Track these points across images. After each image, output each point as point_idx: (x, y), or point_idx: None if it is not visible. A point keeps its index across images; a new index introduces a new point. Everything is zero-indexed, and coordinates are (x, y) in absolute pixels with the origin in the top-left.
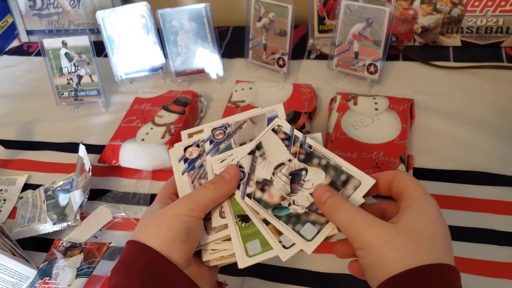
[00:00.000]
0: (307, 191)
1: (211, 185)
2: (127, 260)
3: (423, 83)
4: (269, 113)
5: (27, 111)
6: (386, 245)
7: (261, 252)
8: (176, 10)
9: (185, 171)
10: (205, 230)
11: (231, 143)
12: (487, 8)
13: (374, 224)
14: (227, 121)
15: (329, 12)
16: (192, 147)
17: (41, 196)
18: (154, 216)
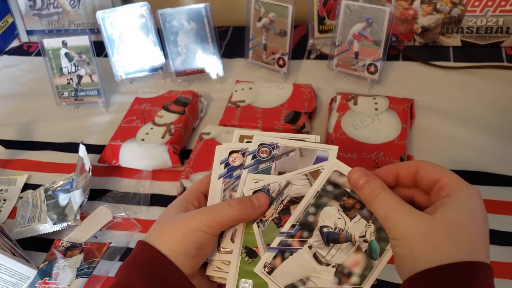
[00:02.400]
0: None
1: (236, 204)
2: (134, 260)
3: (423, 83)
4: (321, 152)
5: (27, 111)
6: (420, 239)
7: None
8: (176, 10)
9: (222, 176)
10: (218, 245)
11: (272, 167)
12: (487, 8)
13: (411, 215)
14: (278, 141)
15: (329, 12)
16: (238, 154)
17: (41, 196)
18: (171, 223)
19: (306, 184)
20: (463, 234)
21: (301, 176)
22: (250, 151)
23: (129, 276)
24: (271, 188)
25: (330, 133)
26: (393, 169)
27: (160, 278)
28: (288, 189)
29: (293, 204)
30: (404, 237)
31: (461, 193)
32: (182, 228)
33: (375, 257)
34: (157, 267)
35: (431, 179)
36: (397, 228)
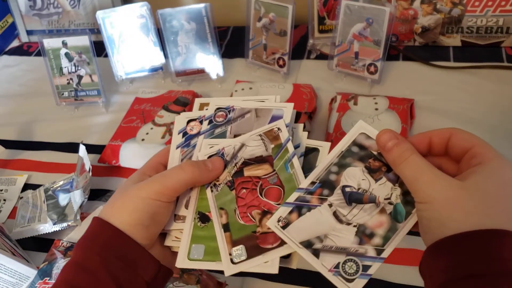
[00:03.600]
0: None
1: (189, 167)
2: (89, 236)
3: (423, 83)
4: (276, 111)
5: (27, 111)
6: (449, 203)
7: (201, 260)
8: (176, 10)
9: (180, 146)
10: (175, 215)
11: (227, 131)
12: (487, 8)
13: (441, 179)
14: (234, 104)
15: (329, 12)
16: (195, 122)
17: (41, 196)
18: (123, 194)
19: (260, 145)
20: (493, 203)
21: (255, 137)
22: (206, 116)
23: (83, 253)
24: (226, 152)
25: (330, 133)
26: (425, 136)
27: (115, 252)
28: (242, 151)
29: (247, 166)
30: (432, 200)
31: (493, 164)
32: (132, 199)
33: (400, 220)
34: (111, 242)
35: (464, 146)
36: (425, 191)
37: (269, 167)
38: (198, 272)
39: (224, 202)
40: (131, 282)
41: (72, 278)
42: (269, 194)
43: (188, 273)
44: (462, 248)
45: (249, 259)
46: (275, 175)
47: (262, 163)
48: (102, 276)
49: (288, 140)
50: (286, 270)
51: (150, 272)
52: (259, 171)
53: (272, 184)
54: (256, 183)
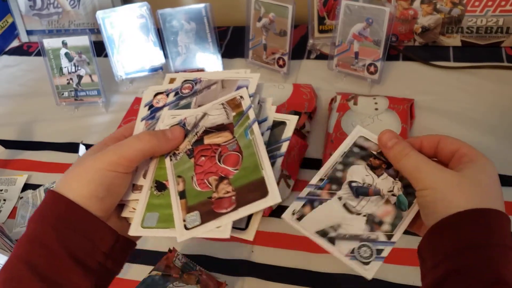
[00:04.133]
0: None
1: (146, 136)
2: (42, 210)
3: (423, 83)
4: (242, 81)
5: (27, 111)
6: (452, 188)
7: (154, 227)
8: (176, 10)
9: (145, 119)
10: (133, 186)
11: (192, 102)
12: (487, 8)
13: (441, 169)
14: (201, 76)
15: (329, 12)
16: (162, 95)
17: (41, 196)
18: (79, 165)
19: (221, 113)
20: (487, 190)
21: (218, 106)
22: (173, 89)
23: (37, 227)
24: (188, 122)
25: (330, 133)
26: (417, 140)
27: (69, 224)
28: (204, 120)
29: (207, 134)
30: (435, 185)
31: (481, 161)
32: (87, 170)
33: (404, 209)
34: (65, 214)
35: (451, 149)
36: (428, 178)
37: (229, 134)
38: (198, 272)
39: (182, 170)
40: (87, 253)
41: (26, 253)
42: (227, 160)
43: (188, 273)
44: (464, 223)
45: (203, 224)
46: (234, 141)
47: (223, 130)
48: (56, 249)
49: (249, 108)
50: (287, 270)
51: (107, 243)
52: (219, 139)
53: (231, 150)
54: (215, 150)
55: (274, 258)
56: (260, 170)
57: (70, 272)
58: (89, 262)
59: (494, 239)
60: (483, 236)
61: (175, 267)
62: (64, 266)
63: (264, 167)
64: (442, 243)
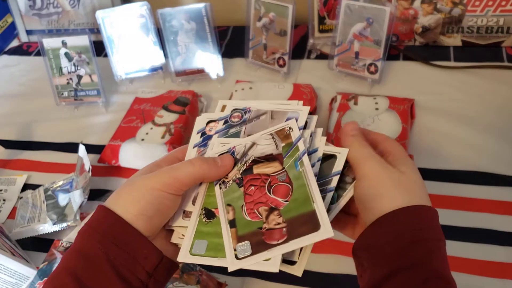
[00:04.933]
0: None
1: (197, 161)
2: (92, 224)
3: (423, 83)
4: (292, 113)
5: (27, 111)
6: (390, 182)
7: (202, 255)
8: (176, 10)
9: (197, 145)
10: (183, 212)
11: (241, 131)
12: (487, 8)
13: (386, 166)
14: (250, 105)
15: (329, 12)
16: (215, 123)
17: (40, 196)
18: (130, 184)
19: (271, 144)
20: (420, 186)
21: (267, 136)
22: (222, 116)
23: (85, 240)
24: (237, 150)
25: (330, 133)
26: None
27: (116, 240)
28: (253, 150)
29: (256, 164)
30: (374, 177)
31: (406, 160)
32: (138, 188)
33: (333, 202)
34: (113, 230)
35: (384, 148)
36: (371, 169)
37: (278, 165)
38: (198, 273)
39: (232, 198)
40: (131, 271)
41: (72, 265)
42: (277, 191)
43: (188, 273)
44: (401, 221)
45: (253, 254)
46: (284, 172)
47: (272, 161)
48: (102, 264)
49: (299, 139)
50: None
51: (151, 262)
52: (268, 169)
53: (281, 181)
54: (265, 181)
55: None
56: (311, 202)
57: (113, 287)
58: (132, 280)
59: (427, 234)
60: (418, 233)
61: None
62: (109, 281)
63: (315, 199)
64: (378, 243)
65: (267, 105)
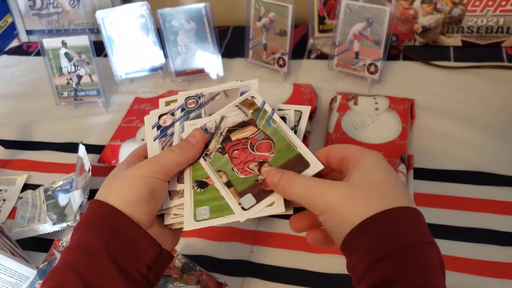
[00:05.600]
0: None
1: (177, 148)
2: (88, 218)
3: (423, 83)
4: (243, 88)
5: (27, 111)
6: (343, 202)
7: (208, 219)
8: (176, 10)
9: (157, 138)
10: (169, 195)
11: (202, 113)
12: (487, 8)
13: (329, 185)
14: (202, 91)
15: (329, 12)
16: (167, 115)
17: (40, 196)
18: (118, 176)
19: (239, 113)
20: (383, 187)
21: (233, 108)
22: (177, 106)
23: (83, 235)
24: (208, 126)
25: (330, 133)
26: (323, 153)
27: (115, 232)
28: (224, 122)
29: (232, 132)
30: (329, 206)
31: (367, 158)
32: (129, 178)
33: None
34: (111, 222)
35: (338, 156)
36: (320, 200)
37: (253, 128)
38: (198, 273)
39: (220, 165)
40: (132, 264)
41: (72, 260)
42: (261, 148)
43: (188, 273)
44: (368, 233)
45: (258, 202)
46: (261, 132)
47: (246, 126)
48: (102, 257)
49: (264, 103)
50: (287, 270)
51: (151, 254)
52: (245, 133)
53: (261, 140)
54: (246, 143)
55: (274, 258)
56: (294, 148)
57: (114, 281)
58: (132, 272)
59: (402, 241)
60: (388, 244)
61: (175, 268)
62: (109, 274)
63: (297, 145)
64: (353, 261)
65: (216, 87)
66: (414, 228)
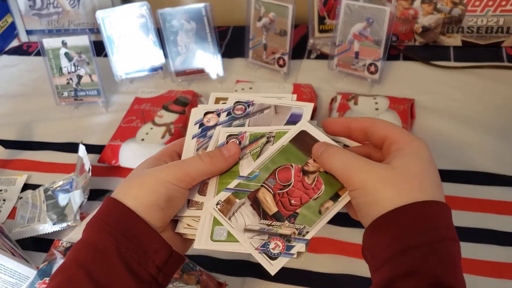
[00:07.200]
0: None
1: (206, 158)
2: (101, 216)
3: (423, 83)
4: (295, 109)
5: (27, 111)
6: (380, 183)
7: (224, 241)
8: (176, 10)
9: (196, 136)
10: (188, 202)
11: (245, 124)
12: (487, 8)
13: (369, 164)
14: (254, 99)
15: (329, 12)
16: (213, 114)
17: (40, 196)
18: (140, 176)
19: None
20: (422, 178)
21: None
22: (225, 108)
23: (95, 232)
24: (244, 144)
25: None
26: (345, 121)
27: (127, 233)
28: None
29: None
30: (364, 184)
31: (412, 146)
32: (151, 180)
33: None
34: (123, 222)
35: (381, 135)
36: (357, 176)
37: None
38: (198, 273)
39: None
40: (142, 264)
41: (82, 257)
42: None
43: (188, 273)
44: (400, 221)
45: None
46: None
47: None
48: (112, 257)
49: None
50: (287, 270)
51: (162, 256)
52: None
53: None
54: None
55: None
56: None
57: (123, 281)
58: (142, 273)
59: (433, 235)
60: (420, 235)
61: None
62: (118, 274)
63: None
64: (379, 245)
65: (268, 100)
66: (444, 223)
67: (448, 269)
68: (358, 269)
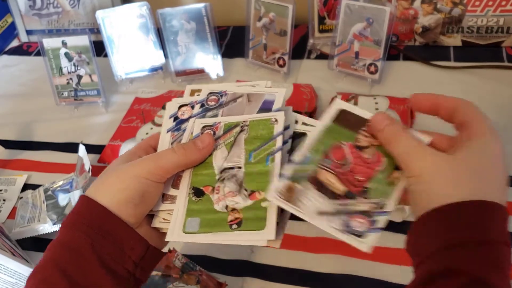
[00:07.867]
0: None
1: (180, 149)
2: (76, 215)
3: (423, 83)
4: (268, 96)
5: (27, 111)
6: (440, 176)
7: (196, 232)
8: (176, 9)
9: (170, 130)
10: (163, 196)
11: (218, 114)
12: (487, 7)
13: (432, 153)
14: (226, 89)
15: (329, 12)
16: (187, 107)
17: (40, 196)
18: (113, 172)
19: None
20: (484, 175)
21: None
22: (198, 100)
23: (70, 232)
24: (218, 134)
25: None
26: (434, 98)
27: (101, 231)
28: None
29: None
30: (422, 173)
31: (484, 139)
32: (124, 176)
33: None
34: (98, 220)
35: (462, 120)
36: (416, 164)
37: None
38: (198, 273)
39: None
40: (118, 261)
41: (57, 257)
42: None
43: (188, 273)
44: (453, 217)
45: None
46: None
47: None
48: (88, 255)
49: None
50: (287, 270)
51: (138, 252)
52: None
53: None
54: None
55: (274, 258)
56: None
57: (99, 279)
58: (119, 270)
59: (483, 235)
60: (472, 232)
61: (175, 267)
62: (94, 272)
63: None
64: (428, 238)
65: (241, 88)
66: (498, 226)
67: (494, 270)
68: (358, 269)
